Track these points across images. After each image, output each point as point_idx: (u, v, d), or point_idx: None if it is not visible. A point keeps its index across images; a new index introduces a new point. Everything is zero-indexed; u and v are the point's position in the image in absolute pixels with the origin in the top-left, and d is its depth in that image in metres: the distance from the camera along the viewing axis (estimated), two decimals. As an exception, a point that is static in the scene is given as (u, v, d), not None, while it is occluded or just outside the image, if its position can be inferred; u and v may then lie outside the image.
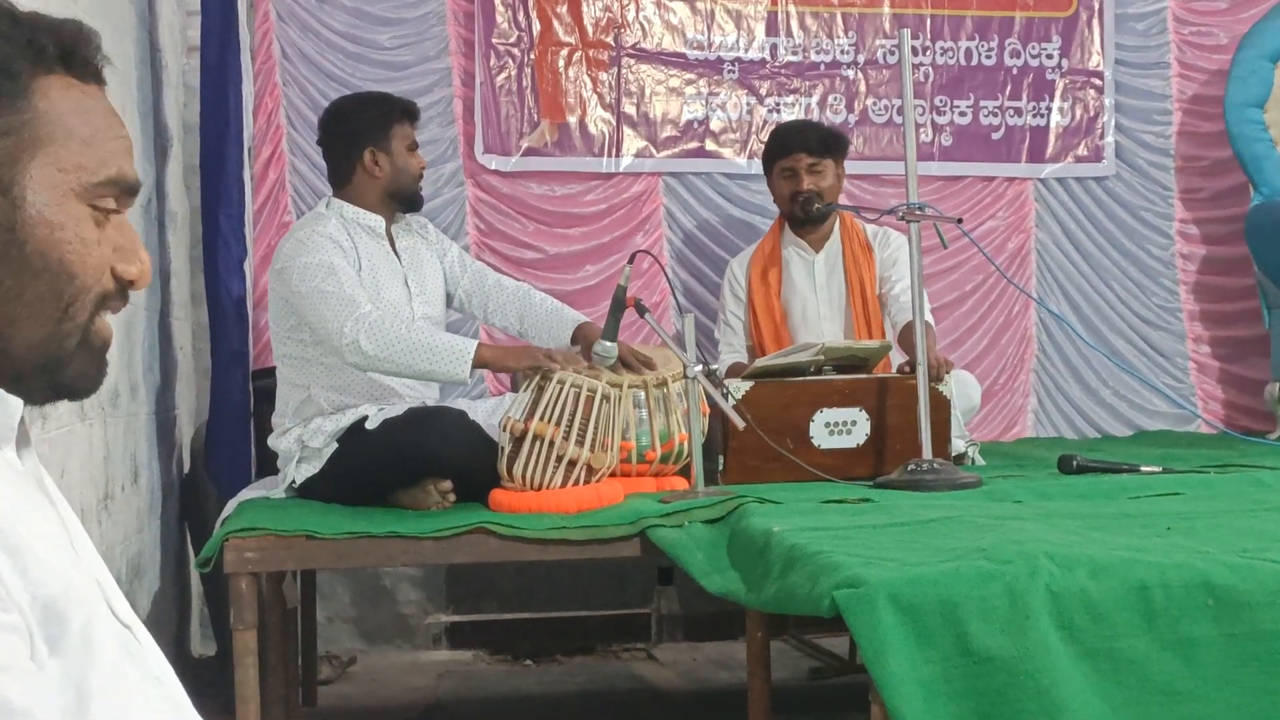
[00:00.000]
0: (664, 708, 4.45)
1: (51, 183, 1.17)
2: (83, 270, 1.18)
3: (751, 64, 5.32)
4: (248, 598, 3.18)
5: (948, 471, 3.63)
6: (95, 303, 1.19)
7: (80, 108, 1.19)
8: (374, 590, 4.99)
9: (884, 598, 2.30)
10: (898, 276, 4.52)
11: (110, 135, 1.21)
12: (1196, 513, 3.07)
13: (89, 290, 1.18)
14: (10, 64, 1.16)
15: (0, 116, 1.15)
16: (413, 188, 3.90)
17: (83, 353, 1.19)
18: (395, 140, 3.87)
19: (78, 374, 1.20)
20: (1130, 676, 2.32)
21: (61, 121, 1.18)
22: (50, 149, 1.17)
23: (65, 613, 1.11)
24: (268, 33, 4.97)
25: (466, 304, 4.04)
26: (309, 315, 3.63)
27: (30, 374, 1.17)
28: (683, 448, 3.69)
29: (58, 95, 1.18)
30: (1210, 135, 5.56)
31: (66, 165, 1.17)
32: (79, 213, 1.18)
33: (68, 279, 1.17)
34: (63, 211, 1.17)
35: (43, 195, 1.16)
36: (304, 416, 3.75)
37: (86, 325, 1.19)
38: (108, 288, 1.20)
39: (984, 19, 5.46)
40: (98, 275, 1.19)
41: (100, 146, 1.20)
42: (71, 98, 1.19)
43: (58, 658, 1.11)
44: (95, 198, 1.19)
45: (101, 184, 1.19)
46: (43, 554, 1.11)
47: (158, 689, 1.22)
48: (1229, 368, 5.61)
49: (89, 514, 3.29)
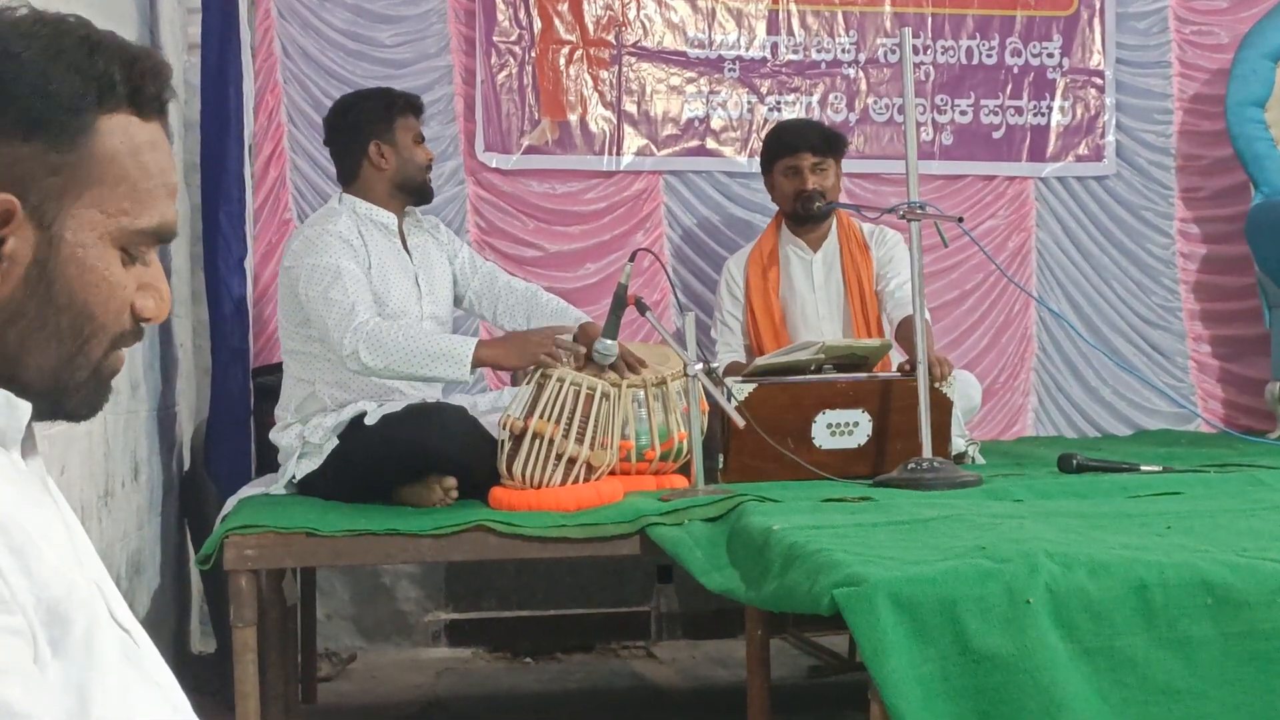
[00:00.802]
0: (663, 706, 4.46)
1: (91, 224, 1.16)
2: (104, 312, 1.18)
3: (752, 62, 5.32)
4: (247, 595, 3.18)
5: (947, 470, 3.63)
6: (112, 341, 1.20)
7: (136, 149, 1.18)
8: (373, 587, 4.99)
9: (883, 596, 2.30)
10: (894, 273, 4.53)
11: (160, 181, 1.19)
12: (1196, 512, 3.07)
13: (107, 330, 1.19)
14: (78, 101, 1.15)
15: (56, 153, 1.14)
16: (420, 179, 3.91)
17: (90, 384, 1.20)
18: (399, 132, 3.89)
19: (81, 402, 1.21)
20: (1129, 675, 2.32)
21: (115, 164, 1.17)
22: (98, 191, 1.16)
23: (68, 615, 1.11)
24: (268, 30, 4.97)
25: (477, 305, 4.05)
26: (314, 318, 3.65)
27: (35, 396, 1.18)
28: (682, 446, 3.70)
29: (118, 137, 1.17)
30: (1211, 134, 5.56)
31: (110, 209, 1.16)
32: (111, 256, 1.17)
33: (88, 318, 1.17)
34: (95, 254, 1.16)
35: (80, 236, 1.16)
36: (306, 413, 3.76)
37: (100, 361, 1.20)
38: (125, 327, 1.20)
39: (985, 18, 5.46)
40: (118, 315, 1.19)
41: (148, 194, 1.18)
42: (130, 138, 1.17)
43: (60, 660, 1.11)
44: (131, 244, 1.18)
45: (140, 233, 1.18)
46: (47, 555, 1.10)
47: (157, 693, 1.22)
48: (1229, 367, 5.61)
49: (89, 511, 3.30)
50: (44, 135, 1.13)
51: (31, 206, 1.14)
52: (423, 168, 3.92)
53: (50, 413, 1.20)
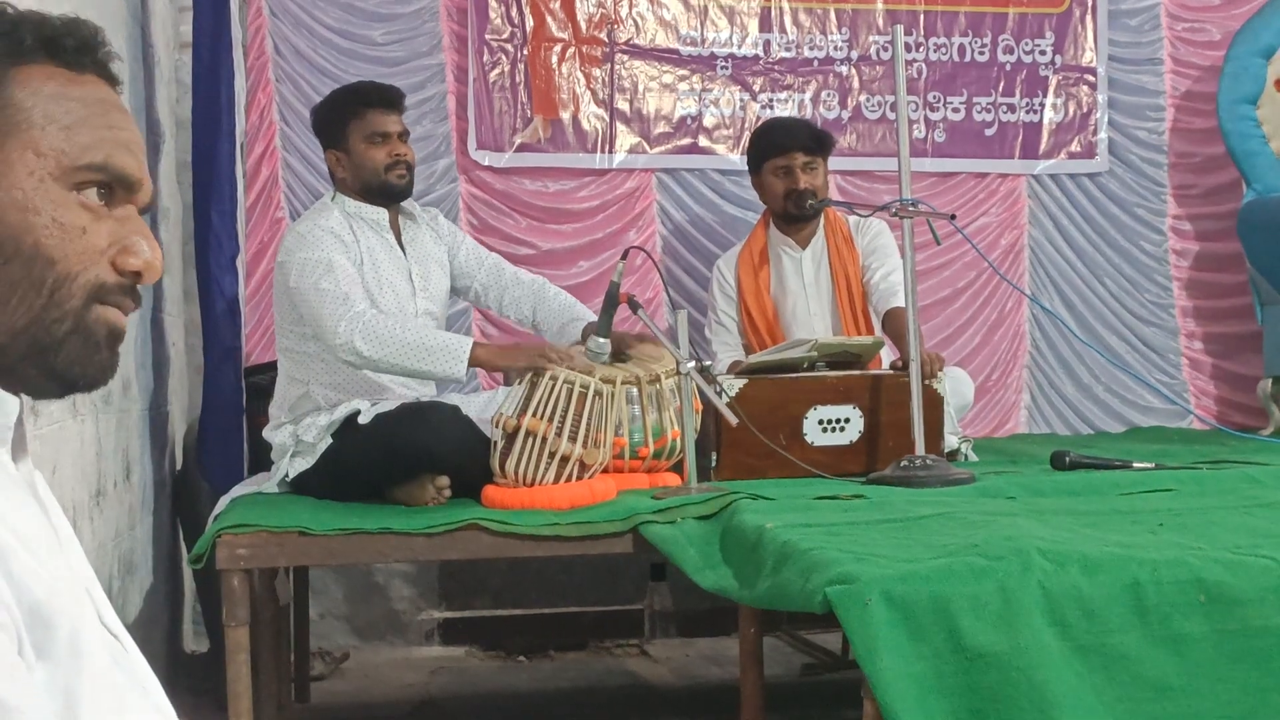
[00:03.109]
0: (656, 704, 4.45)
1: (27, 167, 1.15)
2: (63, 256, 1.15)
3: (745, 60, 5.32)
4: (240, 594, 3.18)
5: (940, 467, 3.63)
6: (88, 291, 1.16)
7: (64, 95, 1.17)
8: (366, 586, 4.99)
9: (876, 594, 2.30)
10: (878, 263, 4.53)
11: (101, 124, 1.18)
12: (1189, 509, 3.07)
13: (74, 277, 1.15)
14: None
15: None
16: (377, 181, 3.83)
17: (75, 339, 1.16)
18: (352, 137, 3.83)
19: (72, 361, 1.16)
20: (1122, 672, 2.32)
21: (40, 108, 1.16)
22: (26, 134, 1.15)
23: (51, 619, 1.10)
24: (260, 28, 4.96)
25: (483, 296, 4.03)
26: (306, 312, 3.63)
27: (19, 363, 1.15)
28: (675, 444, 3.69)
29: (38, 83, 1.17)
30: (1203, 131, 5.57)
31: (43, 150, 1.15)
32: (59, 198, 1.15)
33: (46, 264, 1.14)
34: (37, 195, 1.15)
35: (16, 179, 1.14)
36: (300, 412, 3.75)
37: (80, 312, 1.16)
38: (103, 278, 1.17)
39: (977, 15, 5.46)
40: (84, 263, 1.16)
41: (85, 133, 1.17)
42: (54, 85, 1.17)
43: (45, 663, 1.10)
44: (77, 182, 1.16)
45: (82, 168, 1.16)
46: (28, 558, 1.09)
47: (146, 701, 1.21)
48: (1222, 364, 5.62)
49: (81, 510, 3.29)
50: None
51: None
52: (378, 169, 3.82)
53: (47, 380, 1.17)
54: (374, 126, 3.84)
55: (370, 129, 3.83)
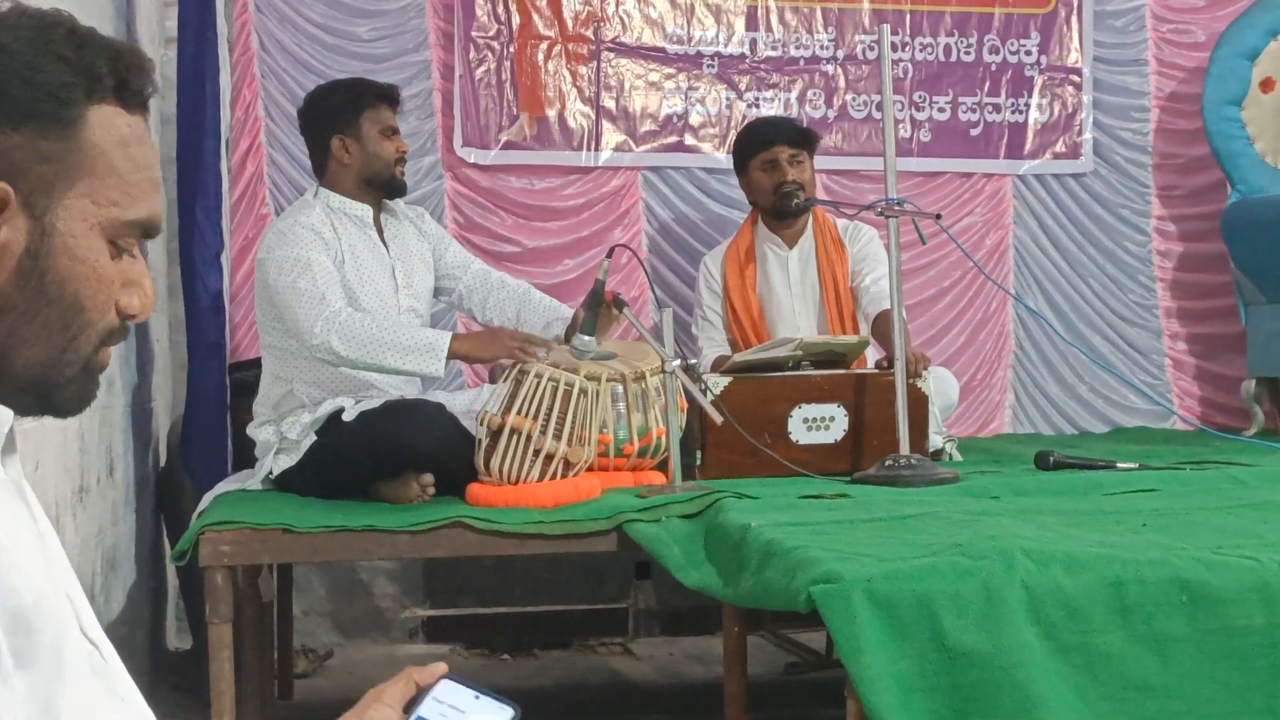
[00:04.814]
0: (640, 702, 4.45)
1: (83, 214, 1.16)
2: (92, 305, 1.18)
3: (731, 59, 5.32)
4: (223, 591, 3.17)
5: (925, 467, 3.64)
6: (100, 337, 1.19)
7: (124, 141, 1.18)
8: (350, 584, 4.98)
9: (860, 593, 2.30)
10: (869, 269, 4.54)
11: (147, 175, 1.20)
12: (1172, 509, 3.08)
13: (94, 325, 1.18)
14: (67, 91, 1.15)
15: (46, 141, 1.14)
16: (387, 173, 3.86)
17: (80, 379, 1.19)
18: (365, 125, 3.84)
19: (69, 398, 1.20)
20: (1105, 672, 2.33)
21: (105, 155, 1.17)
22: (89, 181, 1.16)
23: (35, 625, 1.09)
24: (245, 24, 4.95)
25: (466, 298, 4.03)
26: (284, 310, 3.62)
27: (23, 391, 1.17)
28: (660, 442, 3.69)
29: (106, 128, 1.17)
30: (1188, 133, 5.58)
31: (101, 200, 1.17)
32: (99, 247, 1.17)
33: (77, 311, 1.17)
34: (86, 245, 1.16)
35: (72, 226, 1.16)
36: (284, 410, 3.74)
37: (90, 357, 1.19)
38: (113, 324, 1.20)
39: (963, 15, 5.46)
40: (104, 311, 1.19)
41: (136, 185, 1.19)
42: (118, 130, 1.18)
43: (25, 671, 1.09)
44: (120, 236, 1.18)
45: (130, 224, 1.19)
46: (15, 563, 1.09)
47: (125, 709, 1.21)
48: (1205, 364, 5.63)
49: (63, 507, 3.28)
50: (34, 124, 1.14)
51: (24, 195, 1.14)
52: (389, 162, 3.85)
53: (37, 408, 1.19)
54: (387, 121, 3.88)
55: (385, 122, 3.87)
